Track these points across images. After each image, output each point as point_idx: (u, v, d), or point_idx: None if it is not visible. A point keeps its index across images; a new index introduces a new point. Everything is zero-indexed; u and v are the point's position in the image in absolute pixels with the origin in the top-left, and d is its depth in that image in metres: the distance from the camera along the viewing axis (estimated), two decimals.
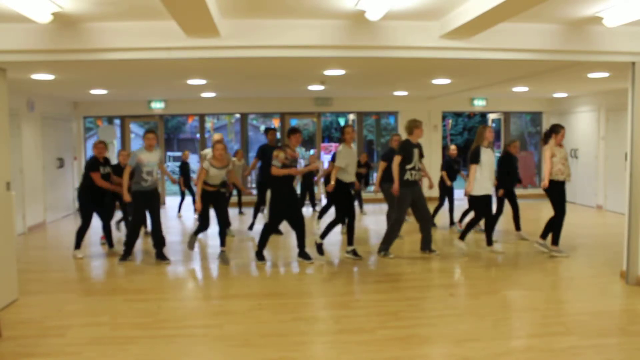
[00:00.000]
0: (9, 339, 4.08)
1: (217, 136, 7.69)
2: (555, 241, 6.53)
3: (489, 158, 6.51)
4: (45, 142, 9.68)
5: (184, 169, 10.25)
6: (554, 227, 6.51)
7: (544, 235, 6.65)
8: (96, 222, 6.95)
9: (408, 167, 6.36)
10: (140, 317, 4.60)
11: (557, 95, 11.69)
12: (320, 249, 6.57)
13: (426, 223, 6.61)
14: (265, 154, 7.70)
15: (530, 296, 5.18)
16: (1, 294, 4.78)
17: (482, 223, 7.14)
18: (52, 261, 6.82)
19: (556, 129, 6.49)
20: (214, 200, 6.43)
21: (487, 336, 4.09)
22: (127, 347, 3.93)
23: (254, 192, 8.75)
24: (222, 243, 6.49)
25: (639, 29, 5.07)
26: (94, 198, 6.74)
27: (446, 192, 8.42)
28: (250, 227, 8.52)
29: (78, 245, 6.77)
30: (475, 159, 6.48)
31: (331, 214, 7.24)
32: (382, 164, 7.45)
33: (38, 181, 9.35)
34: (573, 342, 3.96)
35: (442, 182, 8.43)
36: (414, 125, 6.46)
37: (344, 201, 6.42)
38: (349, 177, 6.40)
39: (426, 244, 6.68)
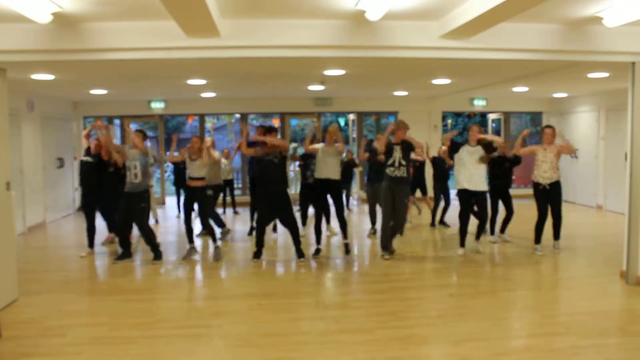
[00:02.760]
0: (9, 339, 4.08)
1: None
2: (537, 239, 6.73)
3: (469, 156, 6.54)
4: (45, 142, 9.68)
5: (178, 168, 9.82)
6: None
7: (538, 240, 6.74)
8: (98, 222, 6.95)
9: (388, 163, 6.52)
10: (140, 317, 4.61)
11: (557, 95, 11.68)
12: (317, 252, 6.65)
13: (398, 223, 6.67)
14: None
15: (530, 296, 5.18)
16: (1, 294, 4.78)
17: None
18: (52, 261, 6.83)
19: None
20: (194, 198, 6.71)
21: (487, 336, 4.09)
22: (127, 347, 3.93)
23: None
24: (213, 240, 6.72)
25: (639, 29, 5.07)
26: (95, 195, 6.81)
27: (441, 190, 8.44)
28: (250, 232, 8.13)
29: (90, 244, 6.88)
30: (449, 155, 6.95)
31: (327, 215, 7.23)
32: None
33: (38, 181, 9.34)
34: (573, 342, 3.96)
35: (435, 182, 8.46)
36: (395, 128, 6.60)
37: (317, 198, 6.76)
38: (326, 173, 6.62)
39: (388, 240, 6.60)
